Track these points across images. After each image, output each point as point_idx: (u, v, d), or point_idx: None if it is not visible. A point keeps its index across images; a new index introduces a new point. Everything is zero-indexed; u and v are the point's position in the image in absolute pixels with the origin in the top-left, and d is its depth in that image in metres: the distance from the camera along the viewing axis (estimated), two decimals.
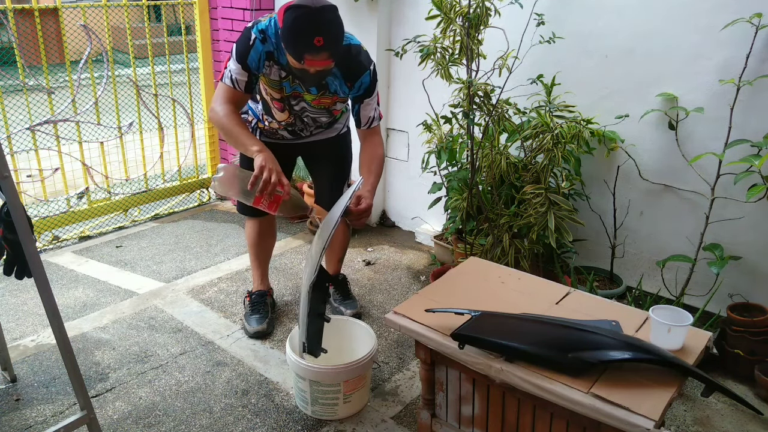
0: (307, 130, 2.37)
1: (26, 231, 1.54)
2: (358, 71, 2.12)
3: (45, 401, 2.15)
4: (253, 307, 2.62)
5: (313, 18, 1.81)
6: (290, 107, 2.24)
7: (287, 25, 1.84)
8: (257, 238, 2.61)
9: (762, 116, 2.31)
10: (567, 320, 1.57)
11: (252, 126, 2.40)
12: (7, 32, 3.09)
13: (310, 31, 1.81)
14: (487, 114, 2.63)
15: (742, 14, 2.22)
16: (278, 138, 2.40)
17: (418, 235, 3.59)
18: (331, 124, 2.42)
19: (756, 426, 2.06)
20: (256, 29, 2.04)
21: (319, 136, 2.44)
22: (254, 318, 2.58)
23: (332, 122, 2.41)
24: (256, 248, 2.65)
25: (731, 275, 2.46)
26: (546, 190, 2.53)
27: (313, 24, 1.81)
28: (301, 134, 2.39)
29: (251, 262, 2.71)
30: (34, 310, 2.75)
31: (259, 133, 2.39)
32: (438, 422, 1.81)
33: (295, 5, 1.83)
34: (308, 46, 1.82)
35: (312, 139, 2.43)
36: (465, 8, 2.52)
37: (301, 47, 1.84)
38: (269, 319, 2.60)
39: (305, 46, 1.83)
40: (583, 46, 2.70)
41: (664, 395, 1.35)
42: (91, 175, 3.57)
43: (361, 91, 2.17)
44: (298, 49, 1.85)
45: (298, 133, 2.38)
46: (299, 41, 1.84)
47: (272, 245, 2.70)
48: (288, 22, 1.83)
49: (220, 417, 2.09)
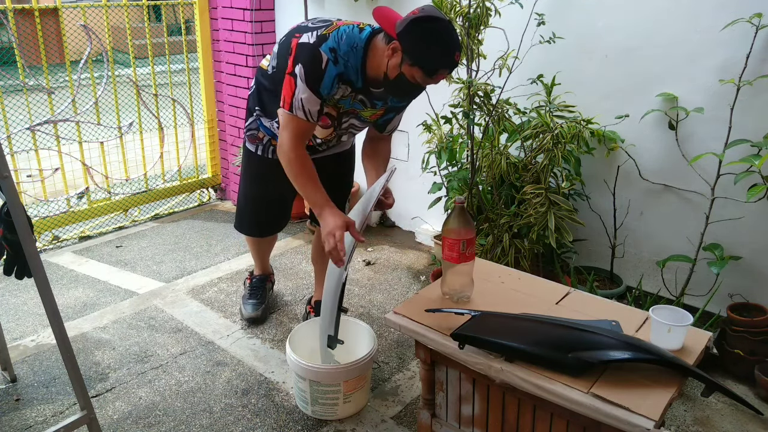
0: (325, 144, 2.22)
1: (26, 231, 1.54)
2: None
3: (45, 401, 2.15)
4: (252, 291, 2.71)
5: (451, 32, 1.71)
6: (339, 124, 2.07)
7: (423, 40, 1.71)
8: (258, 244, 2.67)
9: (762, 116, 2.31)
10: (567, 320, 1.57)
11: (264, 143, 2.25)
12: (7, 32, 3.09)
13: (453, 46, 1.72)
14: (487, 114, 2.63)
15: (742, 14, 2.22)
16: None
17: (418, 235, 3.59)
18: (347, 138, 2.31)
19: (756, 426, 2.06)
20: (326, 47, 1.80)
21: (332, 151, 2.31)
22: (251, 303, 2.67)
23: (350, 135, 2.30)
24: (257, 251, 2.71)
25: (731, 275, 2.46)
26: (546, 190, 2.53)
27: (453, 38, 1.72)
28: (318, 149, 2.24)
29: (252, 255, 2.78)
30: (34, 310, 2.75)
31: (272, 151, 2.22)
32: (438, 422, 1.81)
33: (429, 17, 1.71)
34: (449, 62, 1.73)
35: (324, 154, 2.29)
36: (465, 8, 2.52)
37: (441, 63, 1.74)
38: (264, 306, 2.69)
39: (445, 62, 1.73)
40: (583, 46, 2.70)
41: (664, 395, 1.35)
42: (91, 175, 3.57)
43: (405, 101, 2.08)
44: (436, 65, 1.74)
45: (316, 149, 2.23)
46: (440, 57, 1.73)
47: (273, 243, 2.74)
48: (424, 36, 1.71)
49: (220, 417, 2.09)
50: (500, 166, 2.67)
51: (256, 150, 2.28)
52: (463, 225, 1.70)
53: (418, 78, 1.76)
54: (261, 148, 2.27)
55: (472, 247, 1.72)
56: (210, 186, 4.27)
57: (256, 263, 2.77)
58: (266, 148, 2.26)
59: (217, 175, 4.27)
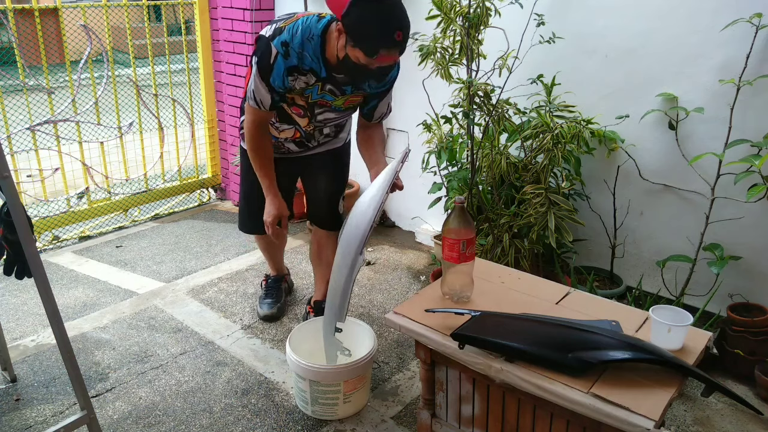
0: (315, 140, 2.26)
1: (26, 231, 1.54)
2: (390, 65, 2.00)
3: (45, 401, 2.15)
4: (267, 291, 2.75)
5: (394, 11, 1.71)
6: (312, 115, 2.11)
7: (361, 19, 1.70)
8: (267, 244, 2.67)
9: (762, 116, 2.31)
10: (567, 320, 1.57)
11: None
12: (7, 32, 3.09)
13: (391, 25, 1.70)
14: (487, 114, 2.63)
15: (742, 14, 2.22)
16: (284, 152, 2.31)
17: (418, 235, 3.59)
18: (338, 133, 2.34)
19: (756, 426, 2.06)
20: (278, 41, 1.87)
21: (325, 147, 2.34)
22: (266, 302, 2.70)
23: (341, 130, 2.34)
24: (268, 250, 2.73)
25: (731, 275, 2.46)
26: (546, 190, 2.53)
27: (396, 17, 1.71)
28: (308, 144, 2.28)
29: (264, 256, 2.79)
30: (34, 310, 2.75)
31: None
32: (438, 422, 1.81)
33: None
34: (388, 40, 1.71)
35: (317, 150, 2.32)
36: (465, 8, 2.52)
37: (379, 42, 1.71)
38: (281, 305, 2.72)
39: (384, 41, 1.71)
40: (583, 46, 2.70)
41: (664, 395, 1.35)
42: (91, 175, 3.57)
43: (387, 85, 2.07)
44: (375, 44, 1.72)
45: (306, 144, 2.27)
46: (378, 36, 1.71)
47: (284, 243, 2.76)
48: (362, 15, 1.70)
49: (220, 417, 2.09)
50: (500, 166, 2.67)
51: None
52: (463, 225, 1.70)
53: (362, 59, 1.77)
54: None
55: (472, 247, 1.72)
56: (210, 186, 4.27)
57: (269, 264, 2.81)
58: None
59: (217, 175, 4.27)
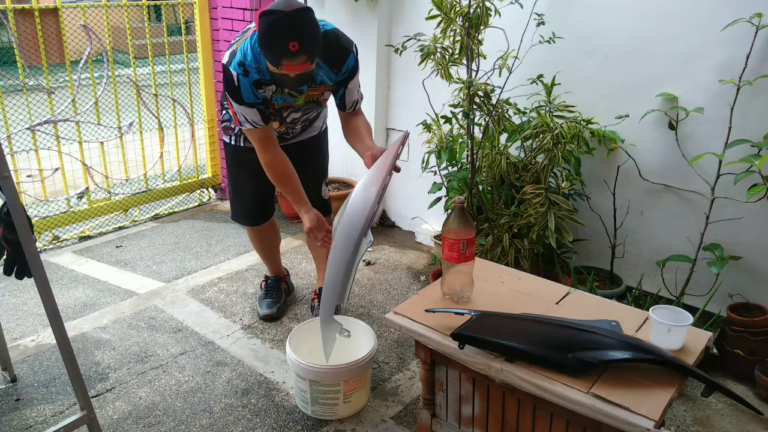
0: (291, 132, 2.36)
1: (26, 231, 1.54)
2: (341, 56, 2.08)
3: (45, 401, 2.15)
4: (267, 292, 2.75)
5: (286, 22, 1.76)
6: (282, 119, 2.23)
7: (262, 32, 1.79)
8: (260, 243, 2.68)
9: (762, 116, 2.31)
10: (567, 320, 1.57)
11: (235, 132, 2.35)
12: (7, 32, 3.09)
13: (284, 37, 1.77)
14: (487, 114, 2.63)
15: (742, 14, 2.22)
16: None
17: (418, 235, 3.59)
18: (313, 122, 2.40)
19: (756, 426, 2.06)
20: (234, 65, 1.99)
21: (303, 136, 2.42)
22: (266, 302, 2.71)
23: (315, 119, 2.39)
24: (263, 250, 2.72)
25: (731, 275, 2.46)
26: (546, 190, 2.53)
27: (288, 29, 1.76)
28: (286, 137, 2.37)
29: (260, 257, 2.79)
30: (34, 310, 2.75)
31: (243, 138, 2.34)
32: (438, 422, 1.81)
33: (268, 11, 1.78)
34: (284, 51, 1.78)
35: (296, 140, 2.41)
36: (465, 8, 2.52)
37: (277, 53, 1.80)
38: (280, 304, 2.72)
39: (281, 52, 1.79)
40: (583, 46, 2.70)
41: (664, 395, 1.35)
42: (91, 175, 3.57)
43: (347, 74, 2.13)
44: (275, 56, 1.81)
45: (284, 137, 2.36)
46: (275, 47, 1.79)
47: (278, 242, 2.75)
48: (263, 28, 1.79)
49: (220, 417, 2.09)
50: (500, 166, 2.67)
51: (230, 140, 2.39)
52: (463, 225, 1.70)
53: (272, 68, 1.89)
54: (234, 138, 2.38)
55: (472, 247, 1.72)
56: (210, 186, 4.26)
57: (267, 265, 2.80)
58: (238, 137, 2.37)
59: (217, 175, 4.27)
